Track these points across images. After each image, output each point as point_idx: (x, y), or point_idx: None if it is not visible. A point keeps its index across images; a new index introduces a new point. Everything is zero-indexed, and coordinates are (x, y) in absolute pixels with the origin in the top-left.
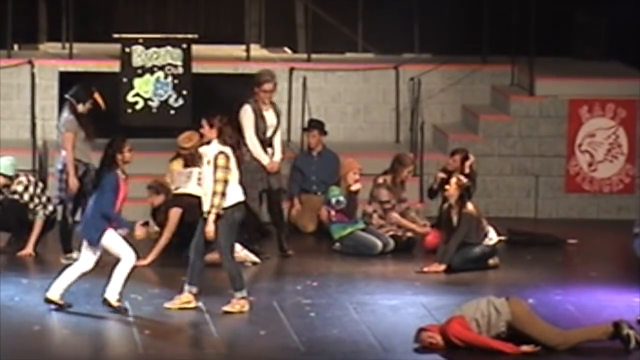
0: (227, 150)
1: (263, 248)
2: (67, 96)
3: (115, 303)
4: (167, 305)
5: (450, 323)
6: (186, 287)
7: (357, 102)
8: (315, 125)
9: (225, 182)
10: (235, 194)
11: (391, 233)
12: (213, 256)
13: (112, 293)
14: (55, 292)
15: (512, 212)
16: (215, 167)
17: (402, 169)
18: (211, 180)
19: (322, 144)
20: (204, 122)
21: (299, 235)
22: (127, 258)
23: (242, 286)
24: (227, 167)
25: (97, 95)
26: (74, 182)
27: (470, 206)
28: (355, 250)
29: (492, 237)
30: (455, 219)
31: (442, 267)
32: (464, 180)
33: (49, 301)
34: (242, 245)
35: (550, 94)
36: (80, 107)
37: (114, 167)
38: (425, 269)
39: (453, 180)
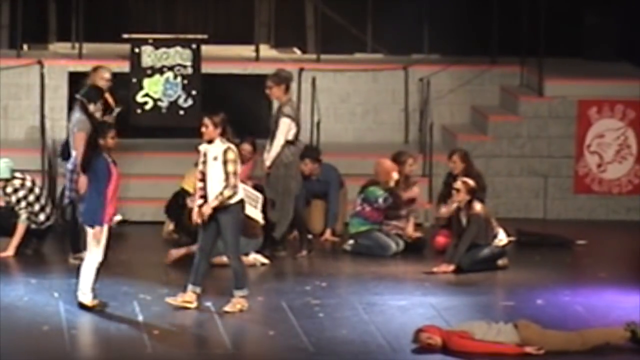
0: (232, 146)
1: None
2: (78, 96)
3: (90, 303)
4: (168, 300)
5: (452, 338)
6: (190, 286)
7: (366, 102)
8: (308, 155)
9: (236, 174)
10: (240, 191)
11: (396, 232)
12: (221, 259)
13: (84, 295)
14: (85, 296)
15: (521, 212)
16: (225, 161)
17: (403, 167)
18: (217, 175)
19: (318, 167)
20: (207, 122)
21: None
22: (96, 255)
23: (244, 285)
24: (236, 161)
25: (107, 95)
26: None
27: (478, 207)
28: (369, 250)
29: (502, 238)
30: (464, 220)
31: (451, 267)
32: (471, 183)
33: (83, 306)
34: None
35: (559, 94)
36: (92, 107)
37: (98, 151)
38: (435, 270)
39: (459, 184)
